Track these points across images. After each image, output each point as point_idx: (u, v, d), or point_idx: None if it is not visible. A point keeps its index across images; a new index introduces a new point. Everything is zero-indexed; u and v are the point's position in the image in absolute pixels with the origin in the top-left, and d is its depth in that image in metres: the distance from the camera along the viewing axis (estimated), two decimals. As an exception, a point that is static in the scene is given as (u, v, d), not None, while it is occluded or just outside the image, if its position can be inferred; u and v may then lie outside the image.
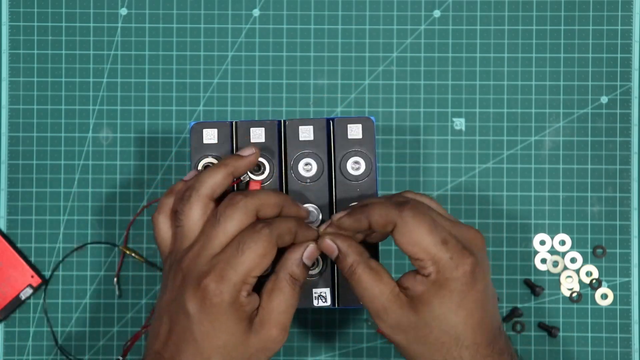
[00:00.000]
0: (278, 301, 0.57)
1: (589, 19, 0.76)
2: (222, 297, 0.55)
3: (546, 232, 0.75)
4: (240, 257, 0.55)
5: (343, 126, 0.64)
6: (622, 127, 0.76)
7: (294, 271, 0.58)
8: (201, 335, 0.56)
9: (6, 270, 0.75)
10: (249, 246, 0.56)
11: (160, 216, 0.60)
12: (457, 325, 0.56)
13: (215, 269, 0.55)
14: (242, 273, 0.55)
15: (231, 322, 0.56)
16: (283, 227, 0.57)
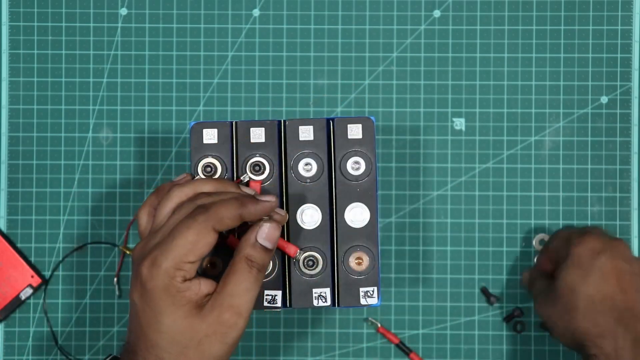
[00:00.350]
0: (232, 285, 0.56)
1: (589, 19, 0.76)
2: (154, 282, 0.55)
3: (546, 232, 0.75)
4: (170, 243, 0.55)
5: (343, 126, 0.64)
6: (622, 127, 0.76)
7: (249, 253, 0.57)
8: (145, 321, 0.56)
9: (6, 270, 0.75)
10: (179, 232, 0.55)
11: (142, 211, 0.61)
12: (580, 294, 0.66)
13: (149, 256, 0.56)
14: (172, 259, 0.55)
15: (170, 307, 0.55)
16: (223, 211, 0.56)
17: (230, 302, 0.56)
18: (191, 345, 0.56)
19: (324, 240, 0.64)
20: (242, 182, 0.64)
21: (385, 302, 0.75)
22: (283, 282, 0.63)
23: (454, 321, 0.75)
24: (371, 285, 0.64)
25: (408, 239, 0.75)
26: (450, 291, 0.75)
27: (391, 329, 0.75)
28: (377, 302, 0.63)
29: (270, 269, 0.63)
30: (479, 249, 0.75)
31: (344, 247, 0.64)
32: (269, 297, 0.63)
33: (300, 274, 0.63)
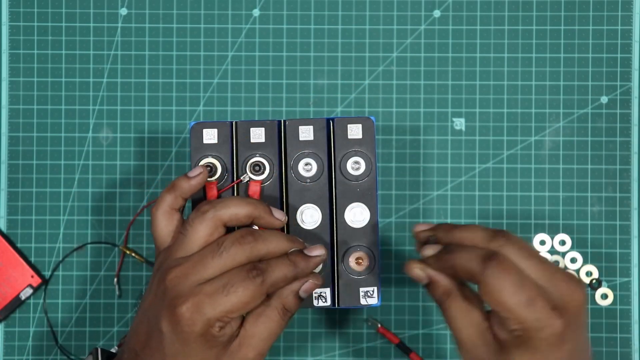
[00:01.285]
0: (263, 328, 0.57)
1: (589, 19, 0.76)
2: (193, 327, 0.54)
3: (546, 232, 0.75)
4: (222, 297, 0.55)
5: (343, 126, 0.64)
6: (622, 127, 0.76)
7: (288, 302, 0.57)
8: (172, 353, 0.55)
9: (6, 270, 0.75)
10: (235, 290, 0.55)
11: (159, 212, 0.60)
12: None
13: (194, 299, 0.55)
14: (219, 312, 0.54)
15: (202, 348, 0.55)
16: (278, 277, 0.56)
17: (257, 344, 0.57)
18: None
19: (324, 240, 0.64)
20: (242, 182, 0.64)
21: (385, 302, 0.75)
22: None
23: (454, 321, 0.75)
24: (371, 285, 0.64)
25: (408, 239, 0.75)
26: (450, 291, 0.75)
27: (391, 329, 0.75)
28: (377, 302, 0.63)
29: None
30: (479, 249, 0.75)
31: (344, 247, 0.64)
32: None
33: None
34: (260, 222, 0.60)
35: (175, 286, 0.56)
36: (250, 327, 0.57)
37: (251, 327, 0.57)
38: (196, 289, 0.55)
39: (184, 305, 0.54)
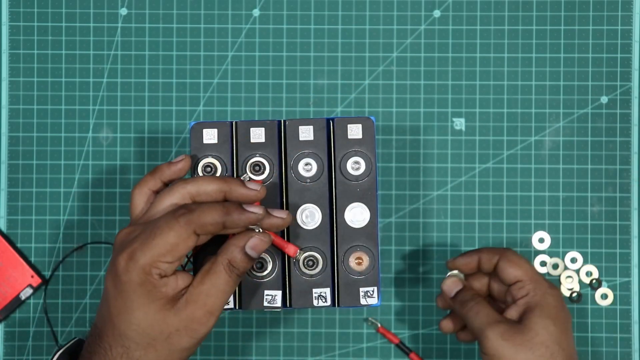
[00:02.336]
0: (210, 284, 0.56)
1: (589, 19, 0.76)
2: (129, 276, 0.55)
3: (546, 231, 0.75)
4: (150, 240, 0.55)
5: (343, 126, 0.64)
6: (622, 127, 0.76)
7: (234, 257, 0.57)
8: (116, 310, 0.56)
9: (6, 270, 0.75)
10: (161, 231, 0.55)
11: (137, 189, 0.61)
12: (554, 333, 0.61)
13: (128, 249, 0.55)
14: (150, 256, 0.55)
15: (142, 300, 0.55)
16: (206, 216, 0.56)
17: (205, 300, 0.56)
18: (160, 338, 0.56)
19: (324, 240, 0.64)
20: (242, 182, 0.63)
21: (385, 302, 0.75)
22: (283, 282, 0.63)
23: (454, 321, 0.75)
24: (371, 285, 0.64)
25: (408, 239, 0.75)
26: (450, 291, 0.75)
27: (391, 329, 0.75)
28: (377, 302, 0.63)
29: (270, 269, 0.63)
30: (479, 249, 0.75)
31: (344, 247, 0.64)
32: (269, 297, 0.63)
33: (300, 274, 0.63)
34: (233, 195, 0.59)
35: (120, 243, 0.57)
36: (197, 283, 0.57)
37: (198, 284, 0.57)
38: (132, 240, 0.56)
39: (120, 255, 0.55)
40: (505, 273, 0.64)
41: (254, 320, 0.75)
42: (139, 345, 0.56)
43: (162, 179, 0.61)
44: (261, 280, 0.63)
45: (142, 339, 0.56)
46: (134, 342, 0.56)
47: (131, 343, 0.56)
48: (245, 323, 0.75)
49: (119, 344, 0.56)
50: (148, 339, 0.56)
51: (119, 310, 0.56)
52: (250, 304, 0.63)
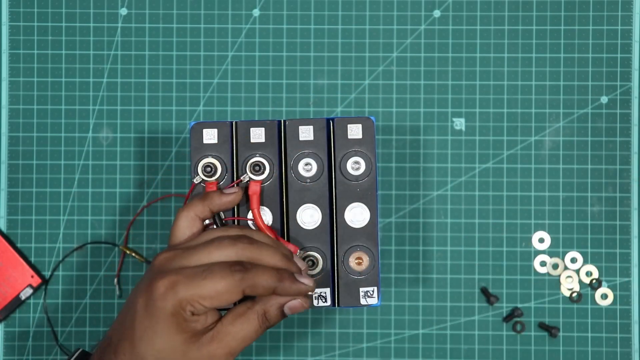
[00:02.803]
0: (239, 328, 0.57)
1: (589, 19, 0.76)
2: (164, 303, 0.55)
3: (546, 231, 0.75)
4: (199, 280, 0.55)
5: (343, 126, 0.64)
6: (622, 127, 0.76)
7: (270, 311, 0.57)
8: (140, 332, 0.56)
9: (6, 270, 0.75)
10: (212, 277, 0.55)
11: (184, 213, 0.60)
12: None
13: (172, 277, 0.55)
14: (191, 294, 0.55)
15: (170, 330, 0.55)
16: (260, 280, 0.56)
17: (230, 342, 0.56)
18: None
19: (324, 240, 0.64)
20: (242, 182, 0.64)
21: (385, 302, 0.75)
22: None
23: (454, 321, 0.75)
24: (371, 285, 0.64)
25: (408, 239, 0.75)
26: (450, 291, 0.75)
27: (391, 329, 0.75)
28: (377, 302, 0.63)
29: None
30: (479, 249, 0.75)
31: (344, 247, 0.64)
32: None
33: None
34: None
35: (160, 266, 0.57)
36: (227, 323, 0.57)
37: (228, 324, 0.57)
38: (178, 270, 0.56)
39: (160, 281, 0.55)
40: None
41: (254, 320, 0.75)
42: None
43: (211, 207, 0.61)
44: None
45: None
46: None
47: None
48: (245, 323, 0.75)
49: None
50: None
51: (144, 332, 0.56)
52: None
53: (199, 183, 0.64)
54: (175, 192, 0.76)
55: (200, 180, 0.64)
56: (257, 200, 0.63)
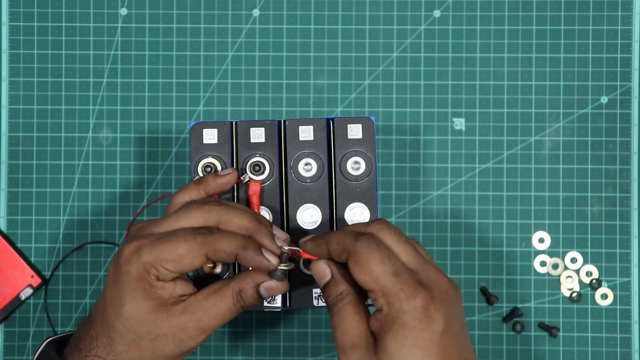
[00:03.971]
0: (212, 304, 0.56)
1: (589, 19, 0.76)
2: (129, 267, 0.55)
3: (546, 231, 0.75)
4: (161, 243, 0.55)
5: (343, 126, 0.64)
6: (622, 127, 0.76)
7: (245, 289, 0.57)
8: (110, 299, 0.56)
9: (6, 270, 0.75)
10: (175, 240, 0.55)
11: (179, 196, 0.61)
12: None
13: (138, 242, 0.56)
14: (154, 257, 0.55)
15: (136, 295, 0.55)
16: (222, 245, 0.55)
17: (202, 316, 0.56)
18: (146, 337, 0.56)
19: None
20: (242, 182, 0.64)
21: (385, 302, 0.75)
22: None
23: (454, 321, 0.75)
24: (371, 285, 0.63)
25: (408, 239, 0.75)
26: (450, 291, 0.75)
27: (391, 329, 0.75)
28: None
29: None
30: (479, 249, 0.75)
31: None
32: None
33: (300, 274, 0.63)
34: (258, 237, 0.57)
35: (132, 235, 0.58)
36: (200, 298, 0.57)
37: (201, 299, 0.56)
38: (145, 236, 0.56)
39: (126, 246, 0.56)
40: (356, 279, 0.53)
41: (254, 320, 0.75)
42: (124, 339, 0.56)
43: (206, 190, 0.61)
44: None
45: (128, 334, 0.56)
46: (119, 335, 0.56)
47: (116, 335, 0.56)
48: (245, 323, 0.75)
49: (105, 333, 0.56)
50: (134, 336, 0.56)
51: (112, 299, 0.56)
52: None
53: (199, 183, 0.64)
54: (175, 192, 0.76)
55: (200, 180, 0.64)
56: (257, 200, 0.63)
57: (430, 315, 0.51)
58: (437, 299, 0.52)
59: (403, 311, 0.51)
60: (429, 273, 0.53)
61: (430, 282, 0.53)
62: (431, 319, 0.51)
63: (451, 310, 0.53)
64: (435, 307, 0.52)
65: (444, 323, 0.52)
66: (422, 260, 0.54)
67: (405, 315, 0.51)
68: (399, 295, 0.51)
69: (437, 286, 0.53)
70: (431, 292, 0.52)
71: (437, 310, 0.52)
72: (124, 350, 0.56)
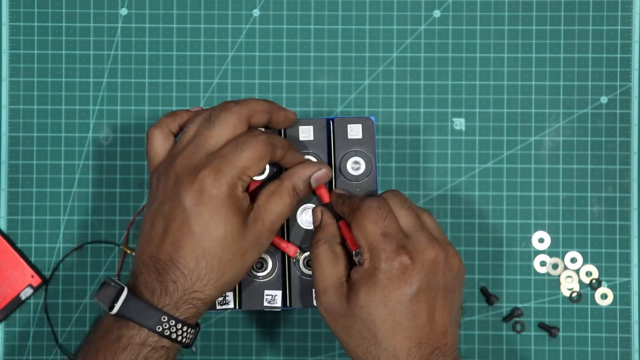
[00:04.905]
0: (275, 204, 0.58)
1: (589, 19, 0.76)
2: (219, 189, 0.56)
3: (546, 231, 0.75)
4: (239, 154, 0.56)
5: (343, 126, 0.64)
6: (622, 127, 0.76)
7: (298, 184, 0.60)
8: (200, 227, 0.56)
9: (6, 270, 0.75)
10: (248, 146, 0.57)
11: (157, 130, 0.61)
12: (376, 320, 0.56)
13: (213, 163, 0.56)
14: (239, 168, 0.56)
15: (229, 213, 0.56)
16: (279, 140, 0.59)
17: (270, 218, 0.58)
18: (239, 253, 0.57)
19: (324, 240, 0.64)
20: None
21: (385, 302, 0.75)
22: (283, 282, 0.63)
23: (454, 321, 0.75)
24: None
25: (408, 239, 0.75)
26: (450, 291, 0.75)
27: (391, 329, 0.75)
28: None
29: (270, 269, 0.63)
30: (479, 249, 0.75)
31: (344, 247, 0.64)
32: (269, 297, 0.63)
33: (300, 274, 0.63)
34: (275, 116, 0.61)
35: (186, 165, 0.57)
36: (263, 202, 0.58)
37: (264, 202, 0.58)
38: (210, 157, 0.57)
39: (204, 171, 0.56)
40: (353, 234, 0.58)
41: (254, 320, 0.75)
42: (222, 262, 0.56)
43: (180, 123, 0.61)
44: (261, 280, 0.63)
45: (225, 256, 0.56)
46: (217, 259, 0.56)
47: (215, 261, 0.56)
48: (245, 323, 0.75)
49: (201, 265, 0.56)
50: (230, 255, 0.57)
51: (205, 226, 0.56)
52: (251, 304, 0.63)
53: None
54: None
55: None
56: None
57: (405, 279, 0.56)
58: (417, 265, 0.56)
59: (380, 269, 0.56)
60: (419, 239, 0.57)
61: (417, 248, 0.57)
62: (404, 282, 0.55)
63: (432, 278, 0.56)
64: (413, 272, 0.56)
65: (416, 288, 0.56)
66: (418, 227, 0.58)
67: (380, 273, 0.56)
68: (380, 255, 0.56)
69: (422, 253, 0.56)
70: (412, 258, 0.56)
71: (413, 276, 0.56)
72: (221, 274, 0.57)
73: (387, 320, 0.56)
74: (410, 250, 0.56)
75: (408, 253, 0.56)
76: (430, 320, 0.56)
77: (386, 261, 0.56)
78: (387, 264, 0.56)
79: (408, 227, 0.58)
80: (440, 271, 0.57)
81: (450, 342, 0.57)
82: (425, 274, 0.56)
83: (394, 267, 0.56)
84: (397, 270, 0.56)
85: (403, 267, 0.56)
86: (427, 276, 0.56)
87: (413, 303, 0.56)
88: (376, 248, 0.56)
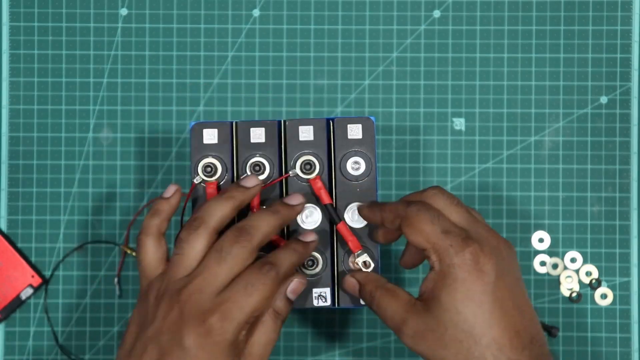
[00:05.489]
0: (259, 334, 0.57)
1: (589, 19, 0.76)
2: (225, 336, 0.55)
3: (546, 231, 0.75)
4: (247, 298, 0.55)
5: (343, 126, 0.64)
6: (621, 127, 0.76)
7: (277, 306, 0.58)
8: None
9: (6, 270, 0.75)
10: (257, 288, 0.55)
11: (147, 238, 0.60)
12: (468, 317, 0.53)
13: (222, 308, 0.55)
14: (247, 313, 0.55)
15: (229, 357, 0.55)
16: (287, 265, 0.58)
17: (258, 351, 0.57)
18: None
19: (324, 240, 0.64)
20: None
21: (385, 302, 0.75)
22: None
23: (453, 321, 0.75)
24: (371, 285, 0.64)
25: (408, 239, 0.75)
26: (450, 291, 0.75)
27: (391, 328, 0.75)
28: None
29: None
30: (478, 248, 0.75)
31: (344, 247, 0.64)
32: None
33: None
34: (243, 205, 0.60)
35: (193, 304, 0.55)
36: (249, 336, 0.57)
37: (250, 336, 0.57)
38: (218, 299, 0.55)
39: (213, 317, 0.55)
40: (409, 240, 0.57)
41: (254, 320, 0.75)
42: None
43: (166, 218, 0.61)
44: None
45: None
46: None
47: None
48: (245, 323, 0.75)
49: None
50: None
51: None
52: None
53: (199, 183, 0.64)
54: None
55: (201, 180, 0.64)
56: (257, 200, 0.63)
57: (480, 268, 0.54)
58: (487, 251, 0.54)
59: (453, 265, 0.54)
60: (478, 230, 0.56)
61: (479, 237, 0.55)
62: (481, 271, 0.54)
63: (503, 263, 0.55)
64: (485, 259, 0.54)
65: (494, 275, 0.54)
66: (472, 220, 0.57)
67: (455, 269, 0.54)
68: (449, 251, 0.54)
69: (486, 241, 0.55)
70: (481, 245, 0.54)
71: (487, 263, 0.54)
72: None
73: (477, 314, 0.53)
74: (475, 239, 0.55)
75: (472, 241, 0.54)
76: (516, 306, 0.54)
77: (457, 255, 0.54)
78: (459, 258, 0.54)
79: (462, 222, 0.57)
80: (506, 257, 0.56)
81: (540, 330, 0.56)
82: (495, 260, 0.54)
83: (466, 259, 0.54)
84: (470, 260, 0.54)
85: (475, 257, 0.54)
86: (498, 263, 0.54)
87: (496, 290, 0.54)
88: (442, 247, 0.55)
